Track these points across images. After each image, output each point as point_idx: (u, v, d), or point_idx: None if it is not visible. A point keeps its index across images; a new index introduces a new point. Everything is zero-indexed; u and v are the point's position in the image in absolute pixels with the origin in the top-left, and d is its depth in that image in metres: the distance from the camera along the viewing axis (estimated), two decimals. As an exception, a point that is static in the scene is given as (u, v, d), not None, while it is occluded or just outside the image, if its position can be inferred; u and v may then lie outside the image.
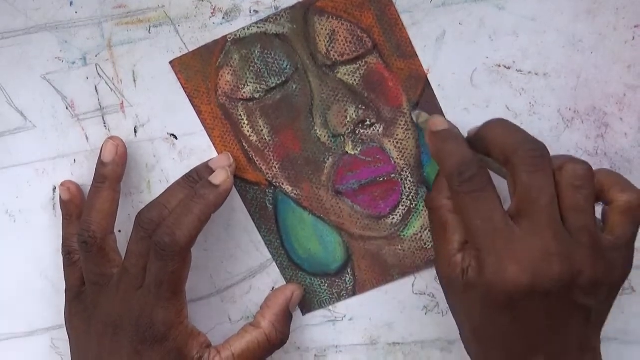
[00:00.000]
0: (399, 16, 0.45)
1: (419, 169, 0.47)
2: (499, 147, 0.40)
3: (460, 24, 0.45)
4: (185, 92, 0.47)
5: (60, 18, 0.47)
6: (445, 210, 0.42)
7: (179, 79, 0.47)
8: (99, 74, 0.48)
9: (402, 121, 0.46)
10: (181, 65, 0.47)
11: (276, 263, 0.49)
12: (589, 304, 0.38)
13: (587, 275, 0.38)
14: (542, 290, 0.37)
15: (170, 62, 0.47)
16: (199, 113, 0.47)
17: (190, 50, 0.47)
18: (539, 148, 0.39)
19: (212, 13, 0.46)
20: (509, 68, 0.45)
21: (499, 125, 0.42)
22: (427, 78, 0.45)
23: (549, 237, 0.38)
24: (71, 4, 0.47)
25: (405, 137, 0.46)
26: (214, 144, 0.47)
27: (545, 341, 0.39)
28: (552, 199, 0.38)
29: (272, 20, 0.45)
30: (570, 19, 0.44)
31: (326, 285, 0.49)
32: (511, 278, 0.37)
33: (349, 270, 0.48)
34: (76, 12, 0.47)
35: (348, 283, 0.49)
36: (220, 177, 0.44)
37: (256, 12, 0.46)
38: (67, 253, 0.47)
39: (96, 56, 0.48)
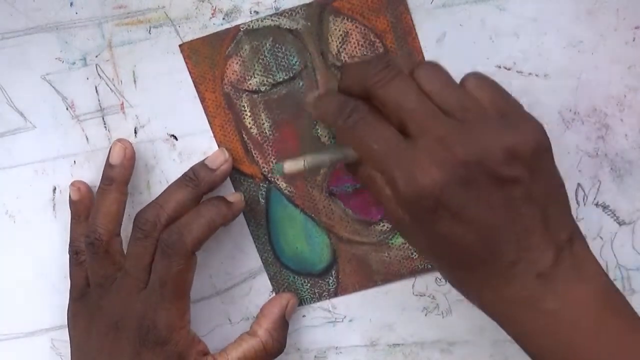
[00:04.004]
0: (413, 26, 0.45)
1: None
2: (354, 85, 0.40)
3: (460, 25, 0.45)
4: (191, 77, 0.47)
5: (60, 19, 0.47)
6: (369, 169, 0.40)
7: (186, 63, 0.47)
8: (99, 74, 0.48)
9: None
10: (190, 50, 0.47)
11: (261, 258, 0.49)
12: (516, 174, 0.36)
13: (493, 144, 0.36)
14: (460, 179, 0.36)
15: (180, 46, 0.47)
16: (202, 100, 0.47)
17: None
18: (381, 61, 0.39)
19: (212, 14, 0.46)
20: (509, 69, 0.45)
21: (347, 68, 0.43)
22: None
23: (437, 129, 0.37)
24: (71, 4, 0.47)
25: None
26: (213, 132, 0.47)
27: (499, 233, 0.37)
28: (417, 96, 0.38)
29: (287, 14, 0.45)
30: (571, 20, 0.44)
31: (309, 284, 0.49)
32: (424, 180, 0.36)
33: (333, 273, 0.48)
34: (76, 13, 0.47)
35: (331, 285, 0.49)
36: (234, 197, 0.46)
37: (256, 12, 0.46)
38: (75, 253, 0.47)
39: (96, 57, 0.48)
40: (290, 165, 0.42)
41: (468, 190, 0.36)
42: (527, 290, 0.37)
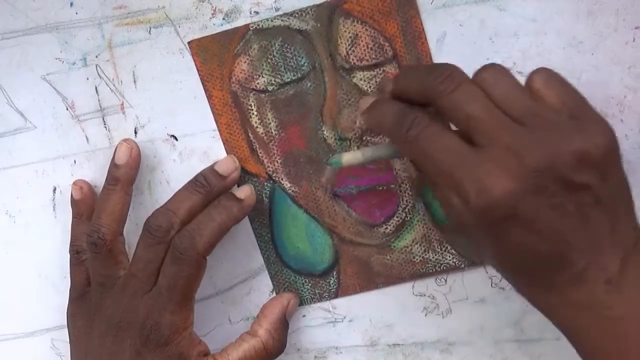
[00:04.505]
0: (423, 29, 0.45)
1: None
2: (414, 92, 0.39)
3: (460, 25, 0.45)
4: (199, 74, 0.47)
5: (60, 19, 0.47)
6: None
7: (194, 60, 0.47)
8: (99, 74, 0.48)
9: None
10: (199, 47, 0.47)
11: (263, 257, 0.49)
12: (587, 181, 0.35)
13: (563, 150, 0.35)
14: (533, 187, 0.35)
15: (189, 43, 0.47)
16: (209, 98, 0.47)
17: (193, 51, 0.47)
18: (444, 70, 0.38)
19: (212, 14, 0.46)
20: (509, 69, 0.45)
21: (404, 73, 0.41)
22: None
23: (506, 138, 0.36)
24: (71, 4, 0.47)
25: None
26: (219, 130, 0.47)
27: (571, 240, 0.36)
28: (484, 104, 0.37)
29: (297, 15, 0.45)
30: (571, 20, 0.44)
31: (309, 284, 0.49)
32: (496, 190, 0.35)
33: (334, 274, 0.48)
34: (76, 13, 0.47)
35: (332, 286, 0.49)
36: (244, 192, 0.45)
37: (257, 12, 0.46)
38: (75, 252, 0.47)
39: (96, 57, 0.48)
40: (349, 158, 0.42)
41: (540, 198, 0.35)
42: (595, 297, 0.36)
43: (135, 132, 0.48)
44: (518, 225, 0.36)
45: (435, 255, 0.47)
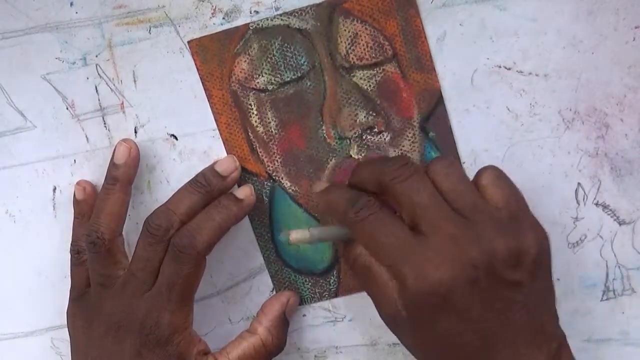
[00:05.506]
0: (423, 29, 0.45)
1: None
2: (370, 181, 0.41)
3: (460, 25, 0.45)
4: (199, 74, 0.47)
5: (60, 18, 0.47)
6: (365, 255, 0.41)
7: (194, 60, 0.47)
8: (99, 74, 0.48)
9: (410, 133, 0.46)
10: (199, 47, 0.47)
11: (263, 256, 0.49)
12: (519, 278, 0.38)
13: (501, 247, 0.38)
14: (468, 279, 0.37)
15: (189, 42, 0.47)
16: (209, 97, 0.47)
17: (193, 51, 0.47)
18: (400, 160, 0.41)
19: (212, 14, 0.46)
20: (509, 69, 0.45)
21: (363, 164, 0.44)
22: (441, 94, 0.45)
23: (449, 229, 0.38)
24: (71, 4, 0.47)
25: (411, 149, 0.46)
26: (219, 130, 0.47)
27: (496, 332, 0.38)
28: (432, 194, 0.39)
29: (296, 14, 0.45)
30: (571, 19, 0.44)
31: (310, 284, 0.49)
32: (433, 277, 0.37)
33: (334, 273, 0.48)
34: (76, 13, 0.47)
35: (332, 285, 0.49)
36: (244, 192, 0.46)
37: (257, 12, 0.46)
38: (76, 252, 0.47)
39: (96, 56, 0.48)
40: (297, 237, 0.43)
41: (474, 290, 0.37)
42: None
43: (135, 132, 0.48)
44: (449, 314, 0.38)
45: None
